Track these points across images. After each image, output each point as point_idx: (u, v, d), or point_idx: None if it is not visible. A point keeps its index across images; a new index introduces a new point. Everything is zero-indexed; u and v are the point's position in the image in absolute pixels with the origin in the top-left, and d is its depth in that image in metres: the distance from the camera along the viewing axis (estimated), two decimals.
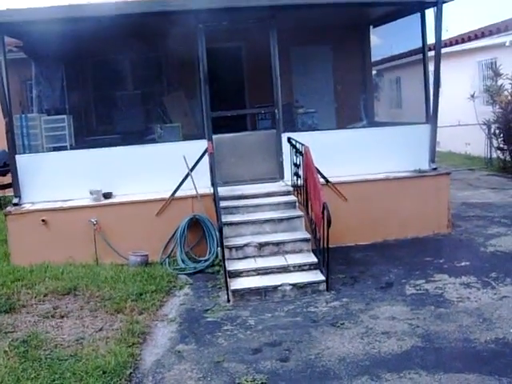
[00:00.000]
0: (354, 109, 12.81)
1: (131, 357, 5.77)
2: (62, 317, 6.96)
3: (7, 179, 14.10)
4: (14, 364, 5.65)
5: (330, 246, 7.29)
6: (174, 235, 9.01)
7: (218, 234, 8.34)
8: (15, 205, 9.32)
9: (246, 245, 8.01)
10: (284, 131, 9.71)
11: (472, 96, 16.85)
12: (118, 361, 5.59)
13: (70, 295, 7.65)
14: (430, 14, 9.95)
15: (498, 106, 15.40)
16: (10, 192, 14.08)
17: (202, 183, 9.16)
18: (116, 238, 9.04)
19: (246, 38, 11.80)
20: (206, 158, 9.20)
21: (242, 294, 7.26)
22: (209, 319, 6.80)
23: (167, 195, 9.17)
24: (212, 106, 9.59)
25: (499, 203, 12.00)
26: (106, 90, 12.26)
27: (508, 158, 15.67)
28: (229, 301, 7.25)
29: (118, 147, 9.75)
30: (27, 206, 9.30)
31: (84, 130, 11.69)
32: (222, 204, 8.11)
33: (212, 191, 8.62)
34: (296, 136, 9.25)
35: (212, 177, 8.35)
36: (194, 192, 9.14)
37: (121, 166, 9.45)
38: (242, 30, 10.63)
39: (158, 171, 9.35)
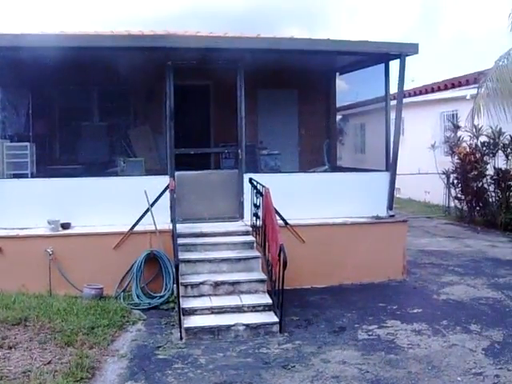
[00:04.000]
0: (317, 153, 13.02)
1: None
2: (11, 348, 6.79)
3: None
4: None
5: (286, 287, 7.35)
6: (130, 269, 8.95)
7: (174, 270, 8.32)
8: None
9: (201, 283, 7.99)
10: (246, 171, 9.82)
11: (433, 146, 17.33)
12: None
13: (20, 326, 7.48)
14: (395, 64, 10.27)
15: (456, 157, 15.83)
16: None
17: (161, 219, 9.15)
18: (72, 269, 8.93)
19: (214, 77, 11.95)
20: (168, 193, 9.22)
21: (195, 333, 7.23)
22: (160, 356, 6.74)
23: (126, 229, 9.13)
24: (177, 142, 9.67)
25: (454, 252, 12.30)
26: (72, 119, 12.23)
27: (465, 207, 16.06)
28: (181, 338, 7.21)
29: (79, 178, 9.76)
30: None
31: (47, 158, 11.57)
32: (181, 241, 8.11)
33: (171, 227, 8.66)
34: (258, 177, 9.37)
35: (172, 213, 8.37)
36: (153, 227, 9.12)
37: (81, 197, 9.39)
38: (210, 69, 10.79)
39: (118, 204, 9.30)
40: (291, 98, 13.17)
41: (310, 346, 7.04)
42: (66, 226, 9.26)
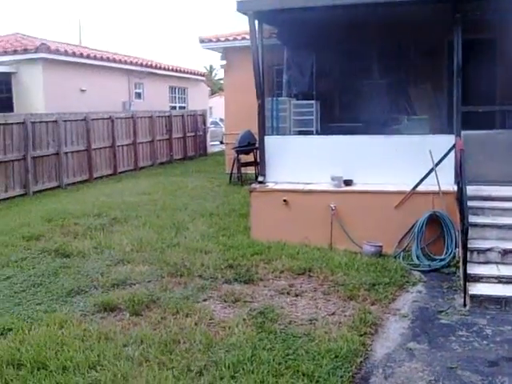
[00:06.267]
0: None
1: (362, 346, 5.78)
2: (297, 295, 7.21)
3: (249, 158, 15.10)
4: (251, 332, 6.00)
5: None
6: (410, 229, 8.84)
7: (458, 234, 8.00)
8: (260, 183, 9.85)
9: (488, 249, 7.58)
10: None
11: None
12: (350, 347, 5.63)
13: (305, 275, 7.92)
14: None
15: None
16: (249, 170, 15.05)
17: (444, 180, 8.87)
18: (351, 225, 9.13)
19: (503, 29, 11.07)
20: (452, 154, 8.89)
21: (480, 301, 6.89)
22: (442, 321, 6.57)
23: (407, 188, 9.01)
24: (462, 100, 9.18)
25: None
26: (352, 78, 12.37)
27: None
28: (465, 305, 6.93)
29: (361, 136, 9.82)
30: (271, 185, 9.79)
31: (328, 116, 11.91)
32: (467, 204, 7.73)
33: (455, 189, 8.36)
34: None
35: (459, 174, 7.99)
36: (435, 188, 8.87)
37: (362, 155, 9.51)
38: (499, 20, 10.00)
39: (399, 163, 9.23)
40: None
41: None
42: (348, 182, 9.46)
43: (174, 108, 26.56)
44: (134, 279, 7.67)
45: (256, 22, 9.81)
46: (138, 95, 24.22)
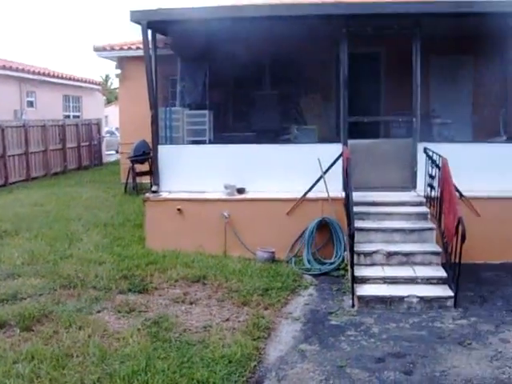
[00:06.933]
0: (492, 122, 12.30)
1: (256, 350, 5.93)
2: (191, 303, 7.28)
3: (144, 167, 15.01)
4: (145, 342, 6.00)
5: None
6: (301, 235, 9.13)
7: (346, 238, 8.35)
8: (154, 192, 9.83)
9: (374, 252, 7.99)
10: (420, 141, 9.55)
11: None
12: (244, 352, 5.76)
13: (199, 283, 7.99)
14: None
15: None
16: (145, 179, 14.96)
17: (333, 187, 9.24)
18: (245, 232, 9.30)
19: (386, 44, 11.71)
20: (339, 162, 9.26)
21: (367, 301, 7.25)
22: (332, 322, 6.84)
23: (298, 195, 9.30)
24: (348, 110, 9.59)
25: None
26: (245, 88, 12.58)
27: None
28: (353, 306, 7.26)
29: (254, 145, 10.04)
30: (164, 195, 9.79)
31: (221, 125, 12.05)
32: (354, 209, 8.09)
33: (343, 195, 8.70)
34: (432, 146, 9.07)
35: (346, 181, 8.36)
36: (324, 194, 9.21)
37: (255, 163, 9.71)
38: (383, 36, 10.53)
39: (291, 171, 9.52)
40: (466, 64, 12.54)
41: (486, 323, 6.75)
42: (241, 190, 9.63)
43: (68, 117, 25.90)
44: (24, 293, 7.43)
45: (149, 32, 9.81)
46: (31, 103, 23.40)
